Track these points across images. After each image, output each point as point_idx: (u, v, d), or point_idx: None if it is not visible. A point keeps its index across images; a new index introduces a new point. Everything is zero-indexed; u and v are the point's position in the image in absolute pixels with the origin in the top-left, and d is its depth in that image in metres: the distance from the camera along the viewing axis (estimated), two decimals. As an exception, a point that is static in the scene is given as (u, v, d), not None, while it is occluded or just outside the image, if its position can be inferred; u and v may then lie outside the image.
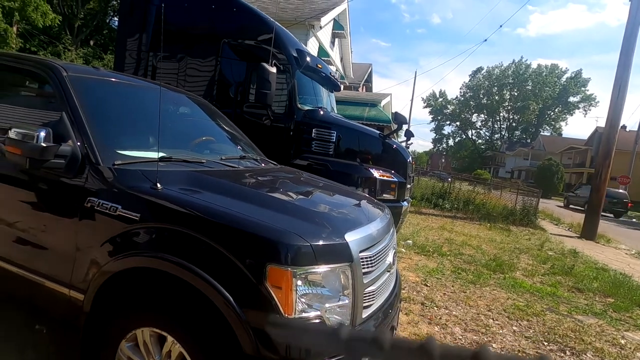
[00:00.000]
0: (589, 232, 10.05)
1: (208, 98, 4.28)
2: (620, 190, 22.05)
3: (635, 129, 28.38)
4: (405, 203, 4.53)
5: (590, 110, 57.58)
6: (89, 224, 1.51)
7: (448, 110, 67.67)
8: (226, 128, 2.78)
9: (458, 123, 68.04)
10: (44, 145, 1.46)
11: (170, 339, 1.36)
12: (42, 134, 1.47)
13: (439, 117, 68.90)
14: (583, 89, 57.58)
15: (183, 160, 1.88)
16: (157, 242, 1.41)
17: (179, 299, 1.37)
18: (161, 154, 1.74)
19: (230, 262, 1.28)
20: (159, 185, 1.46)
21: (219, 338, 1.31)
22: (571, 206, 22.51)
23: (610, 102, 9.96)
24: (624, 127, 32.16)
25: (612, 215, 19.98)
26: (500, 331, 3.11)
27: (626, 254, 8.66)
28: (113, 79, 2.26)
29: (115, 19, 20.47)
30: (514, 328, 3.21)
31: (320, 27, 13.01)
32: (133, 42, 4.97)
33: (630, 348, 3.11)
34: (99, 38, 22.14)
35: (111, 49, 18.87)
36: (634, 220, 20.46)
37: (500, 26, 22.72)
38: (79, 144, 1.60)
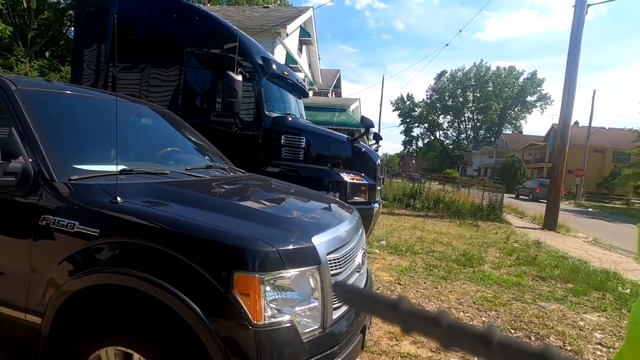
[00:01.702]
0: (550, 223, 10.64)
1: (173, 108, 4.21)
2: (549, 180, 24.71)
3: (587, 124, 30.49)
4: (376, 205, 4.62)
5: (546, 108, 61.29)
6: (45, 243, 1.45)
7: (416, 113, 69.75)
8: (191, 138, 2.74)
9: (426, 125, 70.25)
10: (-9, 162, 1.39)
11: (136, 356, 1.33)
12: (-11, 151, 1.40)
13: (408, 120, 70.84)
14: (539, 88, 61.25)
15: (145, 172, 1.84)
16: (119, 257, 1.37)
17: (144, 314, 1.34)
18: (122, 167, 1.70)
19: (196, 273, 1.27)
20: (119, 198, 1.42)
21: (187, 351, 1.29)
22: (520, 197, 25.53)
23: (562, 101, 10.65)
24: (576, 123, 34.49)
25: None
26: (471, 323, 3.23)
27: (584, 241, 9.24)
28: (68, 92, 2.18)
29: (72, 29, 19.63)
30: (483, 319, 3.34)
31: (287, 35, 13.09)
32: (91, 53, 4.80)
33: (588, 329, 3.32)
34: (55, 49, 21.13)
35: (69, 60, 18.05)
36: (590, 210, 21.86)
37: (460, 31, 23.87)
38: (30, 160, 1.53)
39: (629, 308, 3.91)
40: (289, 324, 1.32)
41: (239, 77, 3.95)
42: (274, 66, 4.59)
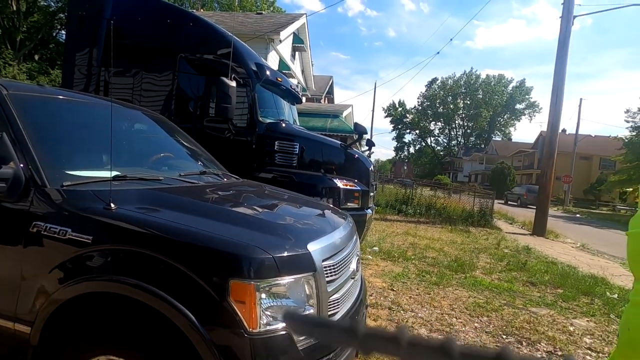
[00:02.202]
0: (539, 228, 10.79)
1: (166, 113, 4.19)
2: (537, 186, 25.97)
3: (574, 132, 31.15)
4: (369, 211, 4.64)
5: (535, 116, 62.50)
6: (36, 250, 1.42)
7: (408, 119, 70.44)
8: (185, 144, 2.73)
9: (417, 131, 70.95)
10: (-19, 168, 1.37)
11: (129, 365, 1.30)
12: (-21, 156, 1.38)
13: (400, 126, 71.49)
14: (527, 96, 62.45)
15: (139, 179, 1.82)
16: (112, 264, 1.35)
17: (137, 322, 1.32)
18: (115, 173, 1.68)
19: (191, 280, 1.26)
20: (112, 205, 1.41)
21: (182, 359, 1.28)
22: (509, 202, 26.11)
23: (550, 108, 10.88)
24: (564, 130, 35.18)
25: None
26: (463, 329, 3.25)
27: (572, 247, 9.39)
28: (60, 97, 2.15)
29: (63, 32, 19.43)
30: (476, 324, 3.36)
31: (280, 41, 13.16)
32: (83, 57, 4.77)
33: (578, 334, 3.36)
34: (45, 52, 20.88)
35: (59, 63, 17.84)
36: (577, 215, 22.24)
37: (451, 39, 24.26)
38: (22, 165, 1.51)
39: (616, 313, 3.98)
40: (284, 332, 1.32)
41: (233, 83, 3.95)
42: (268, 72, 4.61)
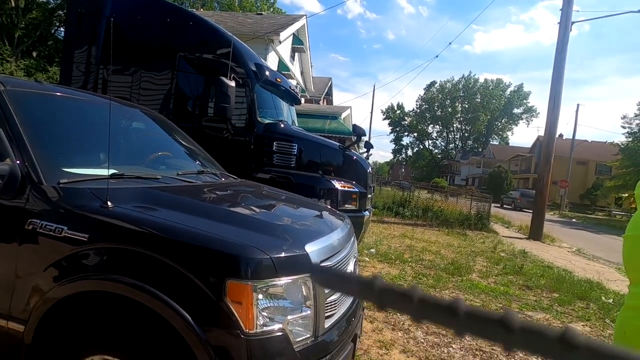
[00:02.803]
0: (536, 233, 10.83)
1: (164, 112, 4.17)
2: (532, 190, 27.08)
3: (571, 137, 31.35)
4: (366, 212, 4.64)
5: (532, 120, 62.90)
6: (31, 247, 1.41)
7: (406, 122, 70.65)
8: (183, 143, 2.72)
9: (415, 134, 71.18)
10: (-23, 164, 1.36)
11: (124, 365, 1.29)
12: (-24, 153, 1.36)
13: (398, 129, 71.66)
14: (525, 101, 62.83)
15: (137, 177, 1.81)
16: (108, 263, 1.34)
17: (132, 322, 1.31)
18: (112, 171, 1.67)
19: (188, 280, 1.25)
20: (109, 203, 1.40)
21: (177, 359, 1.27)
22: (505, 206, 26.85)
23: (547, 113, 10.94)
24: (561, 135, 35.43)
25: (531, 211, 23.13)
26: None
27: (568, 251, 9.43)
28: (59, 94, 2.14)
29: (62, 29, 19.36)
30: (472, 328, 3.36)
31: (280, 42, 13.17)
32: (81, 55, 4.75)
33: (573, 338, 3.37)
34: (43, 49, 20.79)
35: (57, 61, 17.76)
36: (573, 220, 22.35)
37: (450, 43, 24.37)
38: (18, 162, 1.49)
39: (612, 318, 3.99)
40: (281, 333, 1.31)
41: (232, 83, 3.95)
42: (267, 73, 4.61)
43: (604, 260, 8.43)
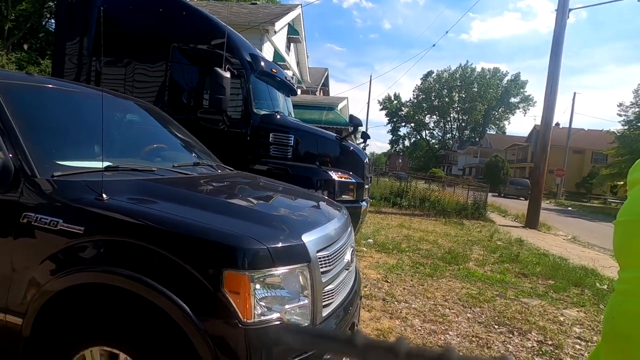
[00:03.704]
0: (532, 221, 10.92)
1: (159, 104, 4.13)
2: (524, 179, 29.66)
3: (567, 126, 31.40)
4: (364, 203, 4.65)
5: (529, 109, 62.87)
6: (26, 241, 1.40)
7: (403, 112, 70.44)
8: (178, 135, 2.70)
9: (413, 124, 71.04)
10: (-32, 158, 1.34)
11: (123, 356, 1.30)
12: (-33, 146, 1.35)
13: (395, 119, 71.46)
14: (522, 90, 62.71)
15: (131, 169, 1.80)
16: (104, 255, 1.34)
17: (130, 313, 1.32)
18: (107, 163, 1.66)
19: (185, 271, 1.25)
20: (104, 195, 1.39)
21: (176, 350, 1.28)
22: (502, 195, 28.45)
23: (544, 102, 10.94)
24: (557, 124, 35.51)
25: (522, 198, 25.03)
26: (456, 319, 3.29)
27: (564, 239, 9.52)
28: (50, 86, 2.11)
29: (52, 21, 19.02)
30: (468, 315, 3.41)
31: (275, 32, 13.02)
32: (73, 46, 4.67)
33: (568, 324, 3.43)
34: (34, 42, 20.45)
35: (49, 53, 17.48)
36: (569, 209, 22.53)
37: (447, 32, 24.21)
38: (10, 155, 1.48)
39: (606, 303, 4.05)
40: (278, 322, 1.32)
41: (227, 74, 3.91)
42: (263, 63, 4.56)
43: (599, 247, 8.53)
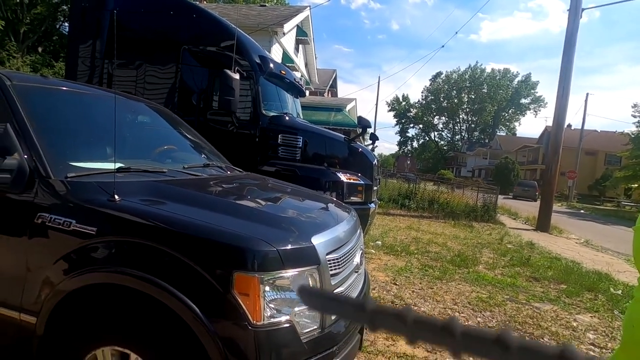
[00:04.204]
0: (543, 224, 10.74)
1: (169, 106, 4.17)
2: (531, 181, 30.57)
3: (580, 127, 30.86)
4: (372, 205, 4.63)
5: (540, 110, 61.98)
6: (40, 241, 1.42)
7: (411, 114, 70.08)
8: (188, 136, 2.72)
9: (421, 125, 70.62)
10: (-15, 159, 1.37)
11: (133, 356, 1.31)
12: (-17, 148, 1.38)
13: (403, 120, 71.11)
14: (533, 91, 61.87)
15: (143, 171, 1.82)
16: (116, 256, 1.36)
17: (141, 313, 1.33)
18: (119, 165, 1.68)
19: (195, 272, 1.26)
20: (116, 197, 1.41)
21: (186, 351, 1.28)
22: (513, 197, 28.52)
23: (556, 103, 10.76)
24: (569, 126, 34.91)
25: (530, 199, 25.46)
26: (466, 323, 3.25)
27: (576, 243, 9.35)
28: (64, 88, 2.15)
29: (66, 24, 19.38)
30: (479, 319, 3.36)
31: (284, 34, 13.07)
32: (86, 49, 4.75)
33: (581, 330, 3.35)
34: (48, 44, 20.85)
35: (62, 56, 17.82)
36: (582, 211, 22.12)
37: (456, 33, 24.08)
38: (26, 156, 1.50)
39: (620, 309, 3.96)
40: (288, 324, 1.32)
41: (237, 76, 3.93)
42: (272, 65, 4.57)
43: (613, 251, 8.35)
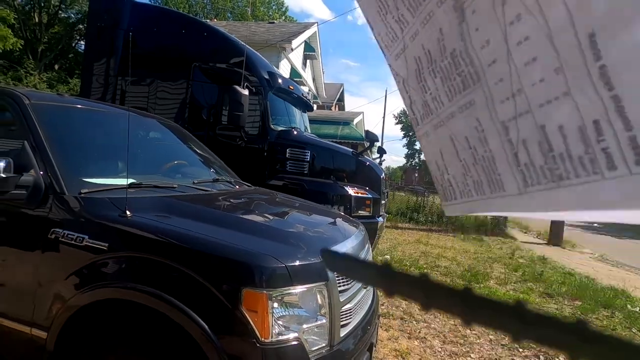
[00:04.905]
0: (555, 238, 10.52)
1: (180, 121, 4.26)
2: None
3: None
4: (380, 219, 4.60)
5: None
6: (53, 256, 1.45)
7: (419, 126, 69.93)
8: (198, 151, 2.76)
9: (429, 138, 70.32)
10: (3, 176, 1.41)
11: (142, 373, 1.31)
12: (2, 164, 1.42)
13: (411, 133, 71.05)
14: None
15: (154, 186, 1.85)
16: (127, 272, 1.37)
17: (151, 329, 1.33)
18: (131, 180, 1.71)
19: (204, 289, 1.26)
20: (128, 212, 1.43)
21: (193, 368, 1.27)
22: None
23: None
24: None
25: None
26: (478, 341, 3.17)
27: (590, 257, 9.11)
28: (79, 105, 2.21)
29: (82, 43, 20.06)
30: (490, 337, 3.28)
31: (292, 50, 13.31)
32: (100, 67, 4.90)
33: (598, 349, 3.24)
34: (64, 62, 21.56)
35: (77, 73, 18.38)
36: (595, 225, 21.62)
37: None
38: (42, 173, 1.55)
39: (639, 327, 3.83)
40: (296, 342, 1.31)
41: (246, 91, 4.00)
42: (280, 80, 4.66)
43: (629, 266, 8.11)
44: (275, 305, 1.28)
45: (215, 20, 22.67)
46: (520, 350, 3.07)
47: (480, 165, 0.35)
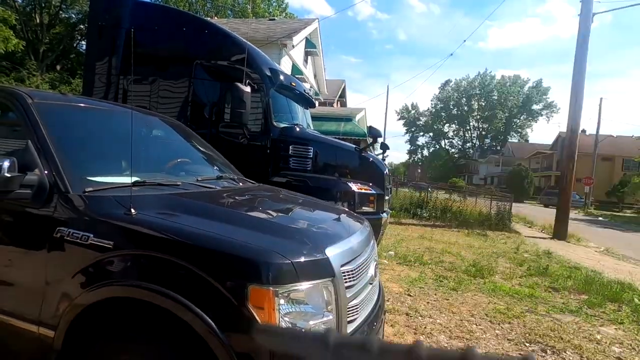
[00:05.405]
0: (560, 232, 10.47)
1: (182, 119, 4.25)
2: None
3: (594, 132, 30.22)
4: (384, 214, 4.59)
5: (552, 116, 61.11)
6: (59, 255, 1.44)
7: (421, 122, 69.89)
8: (201, 149, 2.75)
9: (431, 134, 70.30)
10: (7, 175, 1.41)
11: (149, 370, 1.31)
12: (6, 164, 1.42)
13: (413, 129, 70.92)
14: (544, 97, 61.14)
15: (158, 184, 1.85)
16: (132, 269, 1.37)
17: (158, 327, 1.33)
18: (135, 179, 1.70)
19: (210, 286, 1.25)
20: (133, 210, 1.42)
21: (201, 365, 1.27)
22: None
23: (569, 109, 10.59)
24: (583, 131, 34.25)
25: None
26: (484, 336, 3.16)
27: (595, 251, 9.06)
28: (82, 104, 2.21)
29: (83, 43, 20.09)
30: (497, 332, 3.26)
31: (293, 46, 13.25)
32: (102, 66, 4.89)
33: (606, 342, 3.22)
34: (66, 62, 21.62)
35: (79, 73, 18.42)
36: (600, 218, 21.50)
37: (464, 41, 24.06)
38: (46, 172, 1.54)
39: (646, 320, 3.80)
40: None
41: (247, 89, 3.99)
42: (282, 77, 4.63)
43: (635, 260, 8.07)
44: (282, 301, 1.27)
45: (215, 17, 22.61)
46: (527, 344, 3.06)
47: None
